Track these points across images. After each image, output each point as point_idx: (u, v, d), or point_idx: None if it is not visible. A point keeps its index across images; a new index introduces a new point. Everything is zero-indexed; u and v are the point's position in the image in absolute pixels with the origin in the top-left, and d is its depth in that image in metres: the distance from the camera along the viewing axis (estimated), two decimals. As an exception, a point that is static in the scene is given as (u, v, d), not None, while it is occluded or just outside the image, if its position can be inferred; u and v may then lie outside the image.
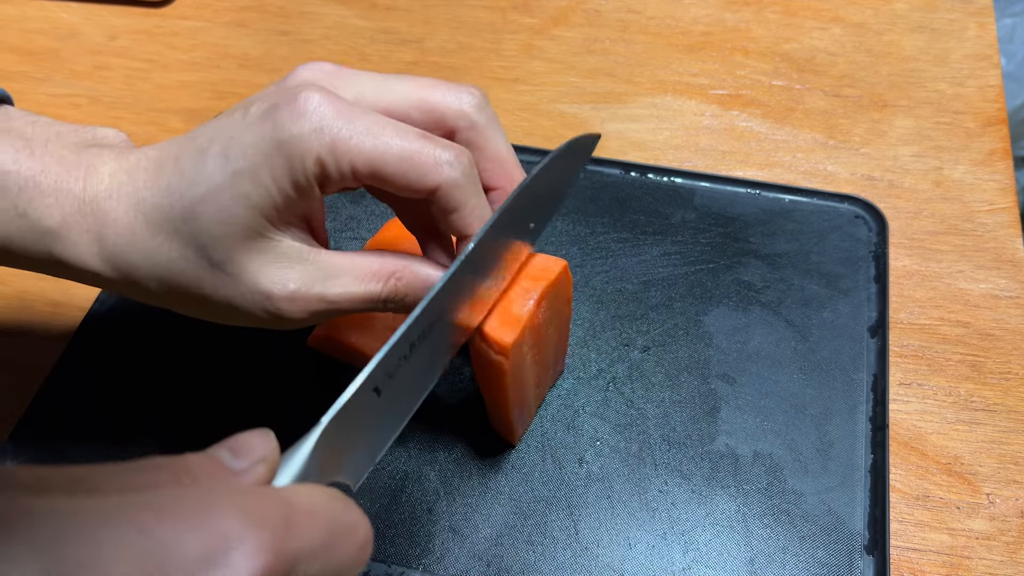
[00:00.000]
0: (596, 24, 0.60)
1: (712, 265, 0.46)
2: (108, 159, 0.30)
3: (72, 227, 0.29)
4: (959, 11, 0.60)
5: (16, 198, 0.29)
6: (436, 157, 0.28)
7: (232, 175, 0.27)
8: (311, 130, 0.27)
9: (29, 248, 0.30)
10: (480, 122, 0.31)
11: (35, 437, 0.40)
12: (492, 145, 0.31)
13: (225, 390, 0.42)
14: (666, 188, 0.50)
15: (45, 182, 0.29)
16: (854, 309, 0.44)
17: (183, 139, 0.30)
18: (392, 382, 0.27)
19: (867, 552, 0.36)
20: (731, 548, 0.37)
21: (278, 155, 0.27)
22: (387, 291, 0.31)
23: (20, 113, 0.31)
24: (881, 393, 0.41)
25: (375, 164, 0.28)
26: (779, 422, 0.40)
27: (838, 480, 0.38)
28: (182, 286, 0.30)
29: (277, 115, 0.27)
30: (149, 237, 0.29)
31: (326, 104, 0.27)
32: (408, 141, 0.28)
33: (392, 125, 0.28)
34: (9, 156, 0.29)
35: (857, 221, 0.48)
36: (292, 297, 0.29)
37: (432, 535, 0.37)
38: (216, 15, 0.61)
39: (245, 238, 0.28)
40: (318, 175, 0.28)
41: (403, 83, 0.30)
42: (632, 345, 0.43)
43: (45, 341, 0.44)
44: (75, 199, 0.29)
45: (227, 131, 0.28)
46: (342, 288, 0.30)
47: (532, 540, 0.37)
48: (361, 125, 0.27)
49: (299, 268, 0.30)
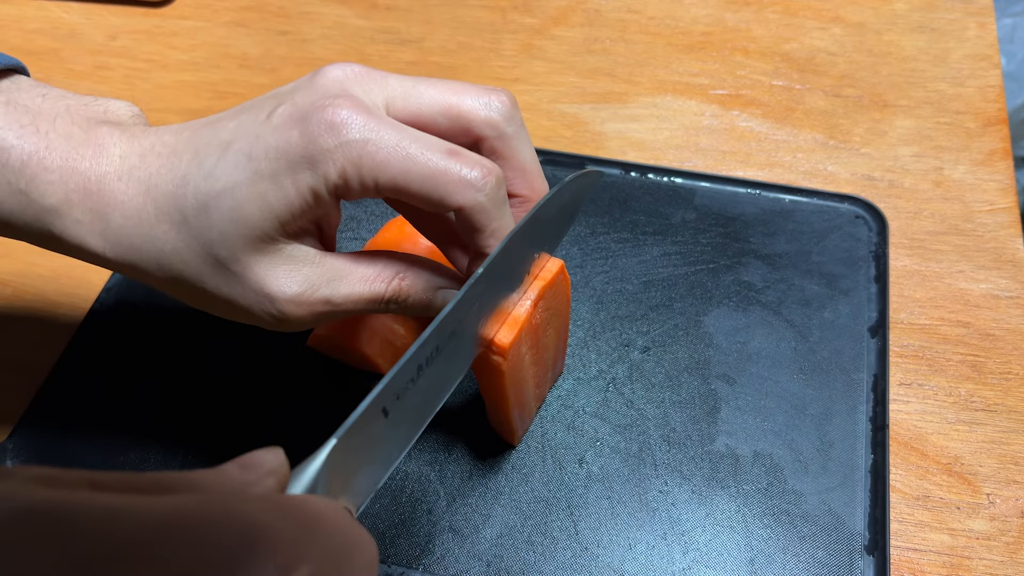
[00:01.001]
0: (596, 24, 0.60)
1: (712, 265, 0.46)
2: (119, 139, 0.30)
3: (75, 205, 0.29)
4: (959, 11, 0.59)
5: (17, 175, 0.28)
6: (462, 176, 0.27)
7: (254, 175, 0.27)
8: (338, 144, 0.27)
9: (30, 223, 0.29)
10: (508, 132, 0.30)
11: (35, 437, 0.40)
12: (518, 155, 0.31)
13: (225, 391, 0.42)
14: (666, 188, 0.50)
15: (50, 159, 0.29)
16: (854, 309, 0.44)
17: (202, 127, 0.29)
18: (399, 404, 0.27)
19: (867, 552, 0.36)
20: (731, 548, 0.37)
21: (303, 164, 0.27)
22: (391, 292, 0.31)
23: (31, 84, 0.30)
24: (881, 393, 0.41)
25: (399, 181, 0.27)
26: (779, 422, 0.40)
27: (838, 480, 0.38)
28: (184, 277, 0.29)
29: (306, 123, 0.27)
30: (156, 223, 0.29)
31: (355, 116, 0.27)
32: (435, 159, 0.27)
33: (419, 141, 0.27)
34: (14, 132, 0.28)
35: (857, 221, 0.48)
36: (296, 299, 0.29)
37: (432, 535, 0.37)
38: (216, 15, 0.61)
39: (255, 239, 0.28)
40: (340, 187, 0.27)
41: (432, 87, 0.30)
42: (632, 345, 0.43)
43: (45, 341, 0.44)
44: (81, 177, 0.29)
45: (252, 129, 0.28)
46: (347, 290, 0.30)
47: (532, 540, 0.37)
48: (389, 140, 0.27)
49: (305, 271, 0.29)
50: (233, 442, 0.40)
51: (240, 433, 0.40)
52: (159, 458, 0.40)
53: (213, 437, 0.40)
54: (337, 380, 0.42)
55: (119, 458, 0.40)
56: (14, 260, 0.48)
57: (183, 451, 0.40)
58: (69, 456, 0.40)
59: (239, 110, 0.29)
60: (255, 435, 0.40)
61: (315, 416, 0.41)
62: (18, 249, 0.48)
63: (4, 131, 0.28)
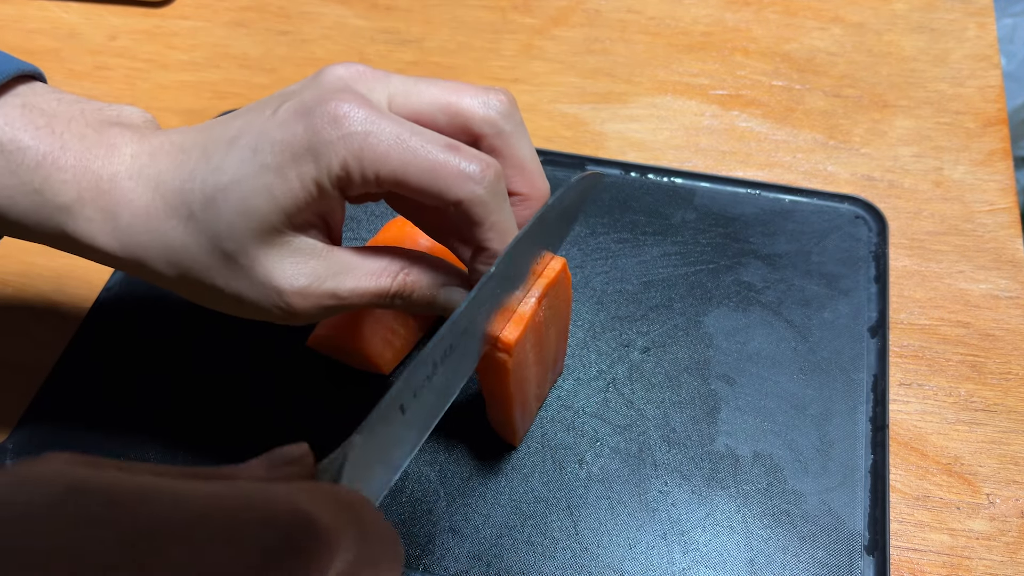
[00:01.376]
0: (596, 24, 0.60)
1: (712, 265, 0.46)
2: (131, 139, 0.30)
3: (87, 203, 0.29)
4: (959, 11, 0.60)
5: (32, 174, 0.29)
6: (461, 170, 0.28)
7: (259, 168, 0.28)
8: (340, 136, 0.27)
9: (42, 222, 0.30)
10: (506, 129, 0.31)
11: (35, 437, 0.40)
12: (517, 153, 0.31)
13: (225, 391, 0.42)
14: (666, 188, 0.50)
15: (64, 158, 0.29)
16: (854, 309, 0.44)
17: (209, 127, 0.30)
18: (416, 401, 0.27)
19: (867, 552, 0.36)
20: (731, 548, 0.37)
21: (306, 155, 0.27)
22: (396, 287, 0.31)
23: (46, 89, 0.31)
24: (881, 393, 0.41)
25: (399, 174, 0.28)
26: (779, 422, 0.40)
27: (838, 480, 0.38)
28: (192, 272, 0.30)
29: (309, 117, 0.27)
30: (165, 219, 0.29)
31: (357, 109, 0.28)
32: (434, 152, 0.28)
33: (420, 135, 0.28)
34: (29, 133, 0.29)
35: (857, 221, 0.48)
36: (303, 292, 0.30)
37: (432, 535, 0.37)
38: (216, 15, 0.61)
39: (262, 231, 0.28)
40: (342, 179, 0.28)
41: (432, 86, 0.30)
42: (632, 346, 0.43)
43: (45, 341, 0.44)
44: (94, 176, 0.29)
45: (257, 125, 0.28)
46: (353, 283, 0.30)
47: (532, 540, 0.37)
48: (390, 133, 0.28)
49: (312, 264, 0.30)
50: (234, 442, 0.40)
51: (240, 433, 0.40)
52: (160, 459, 0.40)
53: (213, 437, 0.40)
54: (337, 380, 0.42)
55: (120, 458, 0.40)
56: (14, 260, 0.48)
57: (183, 451, 0.40)
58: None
59: (247, 109, 0.30)
60: (256, 435, 0.40)
61: (315, 416, 0.41)
62: (18, 249, 0.48)
63: (20, 132, 0.29)
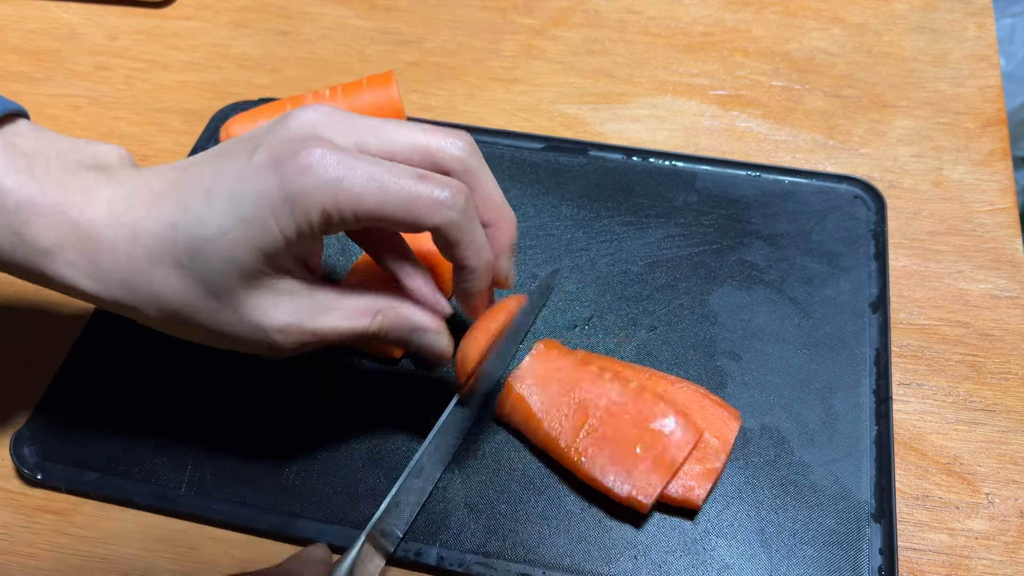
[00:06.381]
0: (596, 24, 0.60)
1: (715, 246, 0.47)
2: (105, 185, 0.31)
3: (68, 248, 0.30)
4: (959, 11, 0.60)
5: (12, 216, 0.30)
6: (435, 198, 0.30)
7: (240, 220, 0.29)
8: (316, 185, 0.28)
9: (21, 263, 0.31)
10: (472, 165, 0.33)
11: (42, 436, 0.40)
12: (483, 184, 0.33)
13: (229, 389, 0.42)
14: (668, 172, 0.50)
15: (43, 203, 0.30)
16: (855, 286, 0.45)
17: (181, 170, 0.31)
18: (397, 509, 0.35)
19: (874, 520, 0.37)
20: (742, 519, 0.37)
21: (284, 207, 0.29)
22: (374, 328, 0.33)
23: (28, 128, 0.32)
24: (884, 366, 0.41)
25: (376, 210, 0.29)
26: (785, 396, 0.41)
27: (844, 451, 0.39)
28: (180, 313, 0.31)
29: (282, 168, 0.29)
30: (150, 268, 0.30)
31: (328, 155, 0.29)
32: (408, 185, 0.30)
33: (391, 171, 0.30)
34: (11, 176, 0.30)
35: (856, 201, 0.48)
36: (284, 330, 0.32)
37: (448, 512, 0.38)
38: (216, 16, 0.62)
39: (247, 276, 0.30)
40: (322, 224, 0.29)
41: (400, 128, 0.32)
42: (639, 325, 0.44)
43: (50, 343, 0.44)
44: (71, 223, 0.30)
45: (231, 173, 0.30)
46: (333, 323, 0.32)
47: (546, 515, 0.38)
48: (362, 173, 0.29)
49: (294, 303, 0.32)
50: (238, 439, 0.40)
51: (245, 431, 0.40)
52: (162, 459, 0.40)
53: (218, 436, 0.40)
54: (346, 369, 0.42)
55: (126, 458, 0.40)
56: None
57: (184, 450, 0.40)
58: (76, 457, 0.40)
59: (217, 153, 0.31)
60: (258, 434, 0.40)
61: (319, 416, 0.41)
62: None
63: (2, 174, 0.30)
